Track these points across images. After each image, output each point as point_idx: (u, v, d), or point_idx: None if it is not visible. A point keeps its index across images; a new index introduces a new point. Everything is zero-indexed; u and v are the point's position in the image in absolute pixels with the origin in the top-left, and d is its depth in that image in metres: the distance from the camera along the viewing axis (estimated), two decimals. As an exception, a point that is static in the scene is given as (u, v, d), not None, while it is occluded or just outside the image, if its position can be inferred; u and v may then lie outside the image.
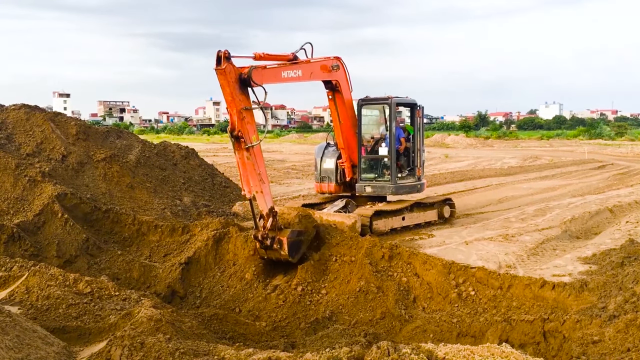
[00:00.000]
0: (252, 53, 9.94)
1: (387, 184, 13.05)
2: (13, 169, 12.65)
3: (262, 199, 9.18)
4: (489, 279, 8.70)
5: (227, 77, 8.90)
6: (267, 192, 9.31)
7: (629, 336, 6.01)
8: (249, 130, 9.05)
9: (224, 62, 8.86)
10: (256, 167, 9.11)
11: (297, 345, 7.47)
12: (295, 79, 10.81)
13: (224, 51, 8.88)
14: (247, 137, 9.01)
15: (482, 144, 57.03)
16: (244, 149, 9.01)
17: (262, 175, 9.22)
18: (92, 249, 11.08)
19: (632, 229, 12.49)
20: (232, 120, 8.99)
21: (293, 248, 9.47)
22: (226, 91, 9.02)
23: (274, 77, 10.23)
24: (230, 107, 9.03)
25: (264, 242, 9.26)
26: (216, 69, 8.88)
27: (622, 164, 31.73)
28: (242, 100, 9.14)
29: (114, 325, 6.70)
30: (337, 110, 12.86)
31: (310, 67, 11.40)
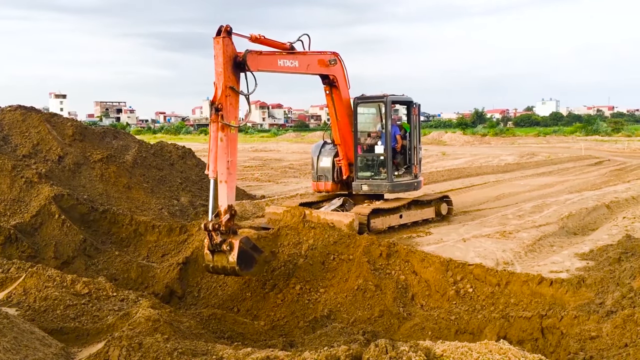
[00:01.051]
0: (249, 34, 9.80)
1: (383, 182, 13.05)
2: (9, 171, 12.62)
3: (224, 191, 8.66)
4: (487, 276, 8.71)
5: (223, 48, 8.83)
6: (232, 185, 8.83)
7: (626, 332, 6.02)
8: (229, 111, 8.79)
9: (223, 33, 8.88)
10: (227, 152, 8.71)
11: (295, 344, 7.47)
12: (291, 69, 10.77)
13: (226, 25, 8.89)
14: (226, 114, 8.73)
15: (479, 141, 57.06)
16: (220, 127, 8.68)
17: (231, 164, 8.77)
18: (89, 249, 11.07)
19: (629, 224, 12.52)
20: (216, 93, 8.82)
21: (243, 258, 8.47)
22: (218, 61, 8.86)
23: (269, 65, 10.15)
24: (218, 79, 8.86)
25: (213, 239, 8.42)
26: (215, 37, 8.87)
27: (618, 160, 31.79)
28: (231, 79, 8.97)
29: (112, 326, 6.69)
30: (334, 106, 12.86)
31: (308, 59, 11.36)
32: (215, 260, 8.53)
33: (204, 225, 8.48)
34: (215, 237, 8.42)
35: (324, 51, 11.99)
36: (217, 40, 8.86)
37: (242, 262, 8.44)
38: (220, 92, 8.78)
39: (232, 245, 8.41)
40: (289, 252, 9.97)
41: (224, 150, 8.65)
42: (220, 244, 8.41)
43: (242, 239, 8.61)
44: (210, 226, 8.35)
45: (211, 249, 8.52)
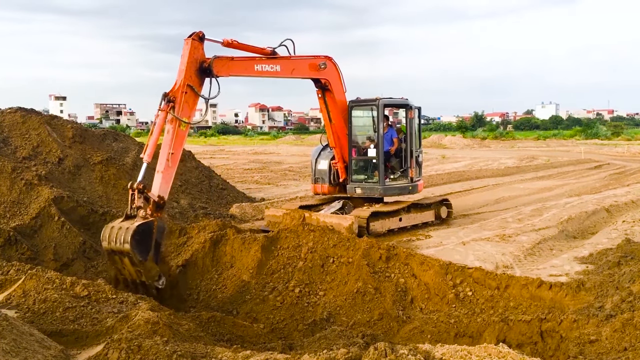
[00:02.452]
0: (221, 39, 9.94)
1: (375, 185, 13.05)
2: (9, 173, 12.62)
3: (158, 180, 8.62)
4: (486, 280, 8.71)
5: (190, 50, 9.08)
6: (167, 178, 8.73)
7: (625, 335, 6.02)
8: (184, 108, 8.91)
9: (194, 37, 9.15)
10: (171, 144, 8.76)
11: (294, 347, 7.47)
12: (272, 73, 10.85)
13: (199, 31, 9.16)
14: (178, 108, 8.83)
15: (479, 145, 57.10)
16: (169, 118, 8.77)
17: (172, 157, 8.78)
18: (89, 252, 11.06)
19: (629, 228, 12.52)
20: (174, 87, 8.97)
21: (144, 235, 8.21)
22: (183, 60, 9.07)
23: (243, 70, 10.30)
24: (178, 75, 9.04)
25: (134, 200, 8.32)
26: (185, 39, 9.14)
27: (618, 164, 31.81)
28: (192, 79, 9.16)
29: (111, 328, 6.68)
30: (327, 109, 12.88)
31: (293, 63, 11.39)
32: (120, 223, 8.30)
33: (129, 184, 8.46)
34: (137, 200, 8.34)
35: (317, 55, 12.03)
36: (186, 42, 9.13)
37: (141, 235, 8.16)
38: (178, 87, 8.95)
39: (147, 217, 8.30)
40: (288, 255, 9.97)
41: (167, 142, 8.78)
42: (138, 209, 8.33)
43: (160, 223, 8.49)
44: (136, 185, 8.35)
45: (128, 213, 8.41)
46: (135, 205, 8.37)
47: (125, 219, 8.44)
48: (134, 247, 8.12)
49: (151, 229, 8.34)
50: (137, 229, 8.14)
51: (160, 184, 8.62)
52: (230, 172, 26.57)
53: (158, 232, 8.44)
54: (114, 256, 8.43)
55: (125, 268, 8.45)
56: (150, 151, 8.66)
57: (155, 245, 8.46)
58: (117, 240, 8.19)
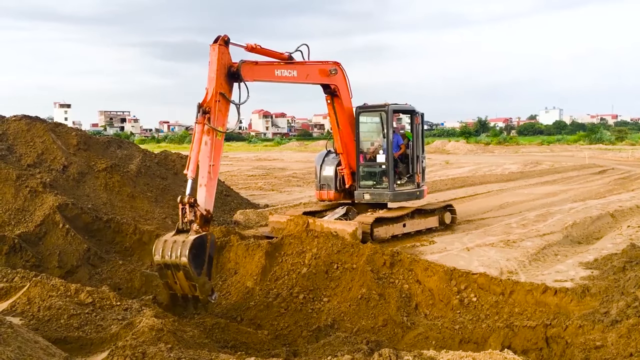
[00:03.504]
0: (245, 43, 9.89)
1: (385, 191, 13.06)
2: (14, 180, 12.66)
3: (202, 194, 8.55)
4: (491, 285, 8.69)
5: (218, 56, 8.96)
6: (211, 191, 8.70)
7: (631, 341, 6.00)
8: (218, 116, 8.80)
9: (220, 41, 9.03)
10: (210, 156, 8.66)
11: (299, 354, 7.46)
12: (289, 78, 10.83)
13: (224, 35, 9.04)
14: (214, 118, 8.73)
15: (482, 150, 57.03)
16: (206, 129, 8.65)
17: (213, 169, 8.71)
18: (93, 259, 11.08)
19: (634, 233, 12.48)
20: (206, 97, 8.85)
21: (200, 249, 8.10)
22: (212, 67, 8.96)
23: (265, 75, 10.22)
24: (209, 83, 8.93)
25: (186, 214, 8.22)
26: (211, 44, 9.01)
27: (622, 169, 31.72)
28: (223, 87, 9.04)
29: (115, 335, 6.69)
30: (335, 115, 12.90)
31: (307, 68, 11.41)
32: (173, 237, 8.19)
33: (179, 199, 8.30)
34: (189, 214, 8.24)
35: (326, 61, 12.04)
36: (212, 47, 9.01)
37: (197, 248, 8.03)
38: (210, 96, 8.85)
39: (200, 232, 8.20)
40: (292, 261, 9.96)
41: (207, 154, 8.66)
42: (190, 223, 8.23)
43: (212, 235, 8.43)
44: (186, 199, 8.25)
45: (180, 227, 8.30)
46: (187, 220, 8.28)
47: (177, 233, 8.30)
48: (190, 260, 7.96)
49: (205, 242, 8.23)
50: (193, 243, 8.00)
51: (205, 197, 8.52)
52: (234, 179, 26.60)
53: (211, 246, 8.39)
54: (167, 270, 8.25)
55: (177, 283, 8.26)
56: (193, 166, 8.51)
57: (208, 260, 8.37)
58: (173, 254, 8.04)
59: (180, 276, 8.13)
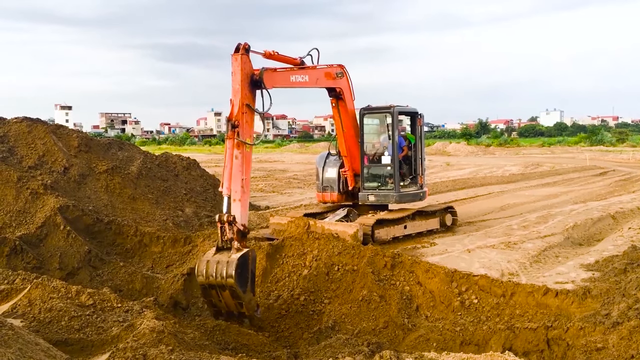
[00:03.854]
0: (263, 50, 9.80)
1: (390, 192, 13.07)
2: (15, 182, 12.67)
3: (237, 209, 8.50)
4: (492, 287, 8.69)
5: (241, 65, 8.81)
6: (245, 204, 8.69)
7: (632, 343, 6.00)
8: (245, 128, 8.74)
9: (242, 51, 8.87)
10: (241, 170, 8.63)
11: (300, 355, 7.46)
12: (302, 83, 10.82)
13: (244, 43, 8.90)
14: (242, 131, 8.66)
15: (483, 152, 57.02)
16: (235, 143, 8.60)
17: (245, 182, 8.69)
18: (94, 260, 11.09)
19: (635, 235, 12.47)
20: (232, 110, 8.76)
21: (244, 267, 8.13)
22: (236, 78, 8.83)
23: (283, 81, 10.16)
24: (234, 96, 8.82)
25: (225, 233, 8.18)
26: (233, 54, 8.85)
27: (623, 170, 31.71)
28: (248, 97, 8.93)
29: (116, 337, 6.69)
30: (340, 118, 12.91)
31: (317, 73, 11.42)
32: (215, 256, 8.18)
33: (217, 217, 8.28)
34: (228, 232, 8.22)
35: (331, 64, 12.05)
36: (235, 57, 8.84)
37: (241, 267, 8.05)
38: (237, 109, 8.71)
39: (241, 249, 8.21)
40: (293, 263, 9.97)
41: (238, 168, 8.57)
42: (230, 240, 8.22)
43: (253, 252, 8.41)
44: (225, 218, 8.20)
45: (220, 245, 8.28)
46: (227, 238, 8.25)
47: (217, 252, 8.28)
48: (236, 280, 7.99)
49: (248, 259, 8.24)
50: (238, 262, 8.00)
51: (241, 212, 8.48)
52: (234, 181, 26.56)
53: (252, 262, 8.41)
54: (211, 290, 8.26)
55: (222, 301, 8.28)
56: (228, 183, 8.48)
57: (252, 276, 8.39)
58: (218, 275, 8.03)
59: (225, 295, 8.15)
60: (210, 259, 8.18)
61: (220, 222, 8.27)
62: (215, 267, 8.04)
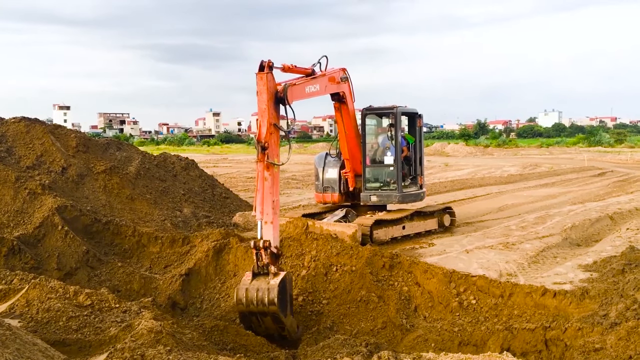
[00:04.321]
0: (281, 64, 9.59)
1: (393, 193, 13.09)
2: (13, 182, 12.66)
3: (269, 231, 8.35)
4: (490, 288, 8.69)
5: (267, 84, 8.60)
6: (277, 226, 8.52)
7: (630, 343, 6.00)
8: (274, 148, 8.58)
9: (267, 69, 8.67)
10: (272, 191, 8.47)
11: (298, 356, 7.46)
12: (315, 93, 10.67)
13: (268, 60, 8.70)
14: (271, 153, 8.51)
15: (481, 152, 57.07)
16: (265, 165, 8.44)
17: (275, 204, 8.53)
18: (92, 261, 11.07)
19: (633, 236, 12.48)
20: (261, 131, 8.52)
21: (283, 292, 8.04)
22: (262, 98, 8.61)
23: (300, 94, 9.98)
24: (262, 116, 8.60)
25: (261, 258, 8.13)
26: (258, 73, 8.65)
27: (621, 171, 31.75)
28: (274, 116, 8.75)
29: (114, 338, 6.69)
30: (342, 121, 12.89)
31: (324, 80, 11.24)
32: (252, 283, 8.05)
33: (253, 243, 8.20)
34: (264, 257, 8.14)
35: (334, 69, 11.95)
36: (260, 77, 8.60)
37: (281, 292, 7.95)
38: (265, 129, 8.48)
39: (278, 273, 8.13)
40: (291, 263, 9.97)
41: (269, 190, 8.41)
42: (267, 266, 8.12)
43: (289, 275, 8.40)
44: (261, 244, 8.10)
45: (255, 271, 8.19)
46: (263, 263, 8.13)
47: (254, 277, 8.16)
48: (279, 306, 7.91)
49: (286, 284, 8.18)
50: (279, 288, 7.90)
51: (273, 234, 8.35)
52: (233, 181, 26.60)
53: (289, 285, 8.34)
54: (251, 317, 8.18)
55: (262, 326, 8.20)
56: (261, 207, 8.34)
57: (290, 299, 8.38)
58: (259, 302, 7.92)
59: (267, 320, 8.08)
60: (249, 287, 8.05)
61: (255, 248, 8.16)
62: (256, 295, 7.93)
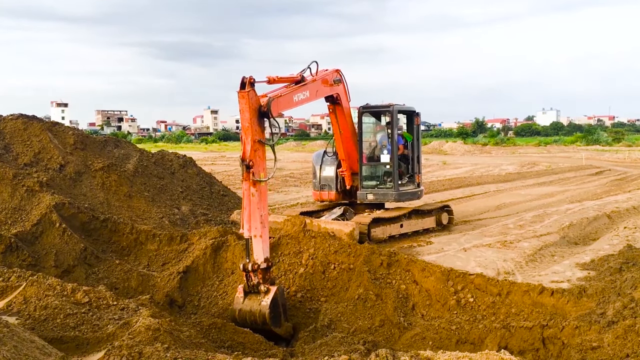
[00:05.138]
0: (266, 77, 9.47)
1: (389, 191, 13.08)
2: (10, 179, 12.63)
3: (259, 245, 8.44)
4: (488, 286, 8.70)
5: (249, 102, 8.47)
6: (266, 238, 8.63)
7: (627, 342, 6.01)
8: (259, 164, 8.53)
9: (248, 86, 8.51)
10: (259, 206, 8.48)
11: (295, 354, 7.46)
12: (304, 100, 10.50)
13: (249, 77, 8.54)
14: (257, 170, 8.47)
15: (479, 151, 57.12)
16: (252, 182, 8.42)
17: (263, 218, 8.56)
18: (90, 258, 11.05)
19: (630, 234, 12.51)
20: (245, 149, 8.45)
21: (275, 307, 8.29)
22: (245, 116, 8.52)
23: (287, 104, 9.92)
24: (246, 134, 8.52)
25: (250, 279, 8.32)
26: (239, 92, 8.52)
27: (619, 170, 31.81)
28: (258, 132, 8.64)
29: (112, 335, 6.68)
30: (337, 122, 12.86)
31: (315, 85, 11.07)
32: (245, 303, 8.37)
33: (242, 266, 8.36)
34: (253, 278, 8.34)
35: (327, 71, 11.85)
36: (242, 95, 8.47)
37: (273, 310, 8.25)
38: (250, 147, 8.43)
39: (269, 289, 8.34)
40: (289, 262, 9.96)
41: (256, 205, 8.42)
42: (257, 285, 8.33)
43: (279, 288, 8.56)
44: (250, 267, 8.27)
45: (247, 289, 8.41)
46: (253, 283, 8.34)
47: (246, 296, 8.43)
48: (272, 324, 8.26)
49: (277, 300, 8.38)
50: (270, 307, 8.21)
51: (262, 247, 8.47)
52: (231, 179, 26.58)
53: (281, 296, 8.54)
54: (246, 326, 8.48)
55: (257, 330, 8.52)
56: (248, 225, 8.41)
57: (283, 308, 8.56)
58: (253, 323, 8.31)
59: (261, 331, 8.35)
60: (242, 307, 8.38)
61: (244, 270, 8.33)
62: (249, 317, 8.33)
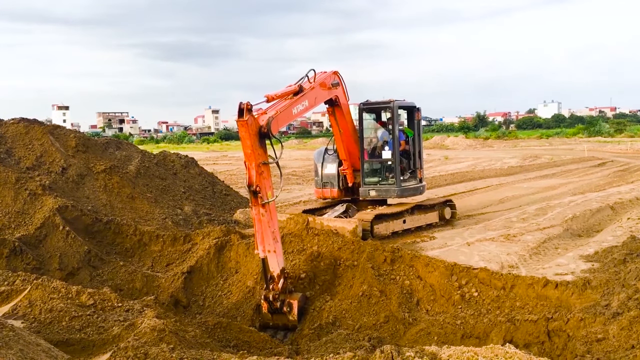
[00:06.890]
0: (264, 96, 9.41)
1: (391, 187, 13.07)
2: (13, 183, 12.66)
3: (274, 259, 8.61)
4: (492, 280, 8.69)
5: (248, 129, 8.45)
6: (279, 251, 8.76)
7: (632, 333, 6.01)
8: (265, 186, 8.59)
9: (246, 114, 8.44)
10: (270, 224, 8.59)
11: (301, 352, 7.47)
12: (304, 110, 10.38)
13: (246, 103, 8.49)
14: (264, 192, 8.52)
15: (481, 145, 57.05)
16: (261, 205, 8.48)
17: (275, 233, 8.68)
18: (94, 260, 11.08)
19: (634, 225, 12.48)
20: (250, 175, 8.47)
21: (301, 314, 8.83)
22: (246, 144, 8.51)
23: (287, 118, 9.89)
24: (249, 160, 8.53)
25: (273, 304, 8.65)
26: (238, 120, 8.49)
27: (622, 161, 31.74)
28: (261, 155, 8.66)
29: (117, 337, 6.70)
30: (337, 123, 12.83)
31: (313, 93, 10.93)
32: (274, 319, 8.84)
33: (264, 297, 8.74)
34: (275, 303, 8.69)
35: (324, 74, 11.74)
36: (241, 123, 8.44)
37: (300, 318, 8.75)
38: (254, 172, 8.45)
39: (291, 306, 8.71)
40: (292, 259, 9.96)
41: (267, 224, 8.53)
42: (280, 308, 8.70)
43: (299, 297, 8.85)
44: (271, 296, 8.66)
45: (271, 311, 8.78)
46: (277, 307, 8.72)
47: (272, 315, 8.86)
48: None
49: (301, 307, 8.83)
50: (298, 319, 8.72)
51: (277, 260, 8.66)
52: (233, 178, 26.57)
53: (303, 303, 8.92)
54: None
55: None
56: (262, 246, 8.61)
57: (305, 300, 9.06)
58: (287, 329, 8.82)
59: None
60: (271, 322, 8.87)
61: (266, 299, 8.72)
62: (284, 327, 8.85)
